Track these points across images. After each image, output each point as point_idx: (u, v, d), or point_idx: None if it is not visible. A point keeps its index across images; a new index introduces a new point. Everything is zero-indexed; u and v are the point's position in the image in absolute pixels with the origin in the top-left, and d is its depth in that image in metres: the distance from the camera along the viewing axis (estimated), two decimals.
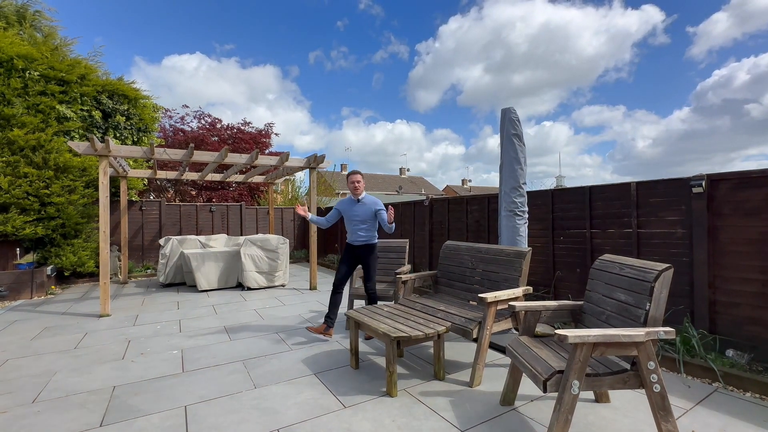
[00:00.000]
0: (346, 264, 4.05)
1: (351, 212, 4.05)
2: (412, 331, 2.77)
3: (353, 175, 4.03)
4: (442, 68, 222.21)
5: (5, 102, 6.54)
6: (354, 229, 4.02)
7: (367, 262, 4.01)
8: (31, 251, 6.93)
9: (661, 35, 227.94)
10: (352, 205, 4.06)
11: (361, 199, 4.03)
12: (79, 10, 38.79)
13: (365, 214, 3.99)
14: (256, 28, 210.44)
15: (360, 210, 4.01)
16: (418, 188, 41.00)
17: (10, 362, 3.53)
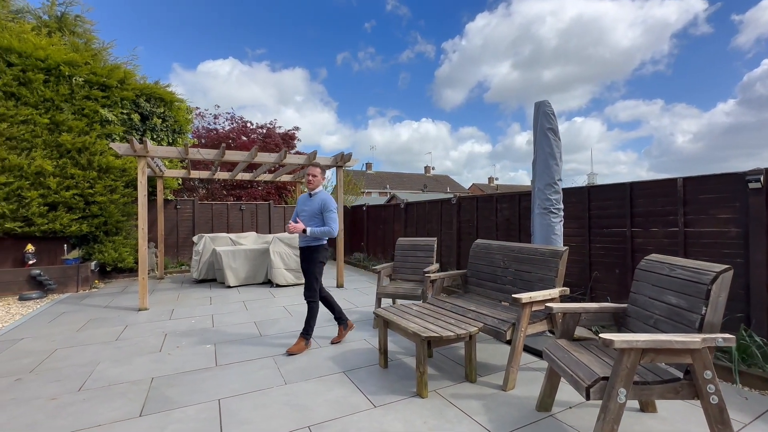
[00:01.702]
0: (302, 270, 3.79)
1: (300, 207, 3.78)
2: (443, 332, 2.71)
3: (310, 168, 3.74)
4: (468, 66, 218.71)
5: (55, 108, 6.96)
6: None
7: (305, 268, 3.70)
8: (77, 247, 7.35)
9: (703, 25, 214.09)
10: (305, 201, 3.77)
11: (313, 195, 3.74)
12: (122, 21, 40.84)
13: (311, 211, 3.66)
14: (286, 32, 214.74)
15: (309, 206, 3.71)
16: (443, 187, 40.59)
17: (58, 351, 3.74)
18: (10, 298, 6.15)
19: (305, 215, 3.70)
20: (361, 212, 10.96)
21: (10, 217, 6.51)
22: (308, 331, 3.71)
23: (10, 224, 6.48)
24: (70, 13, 8.74)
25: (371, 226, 10.34)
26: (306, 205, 3.74)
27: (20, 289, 6.35)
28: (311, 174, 3.72)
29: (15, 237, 6.75)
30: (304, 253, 3.74)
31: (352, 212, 11.64)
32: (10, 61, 6.63)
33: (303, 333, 3.71)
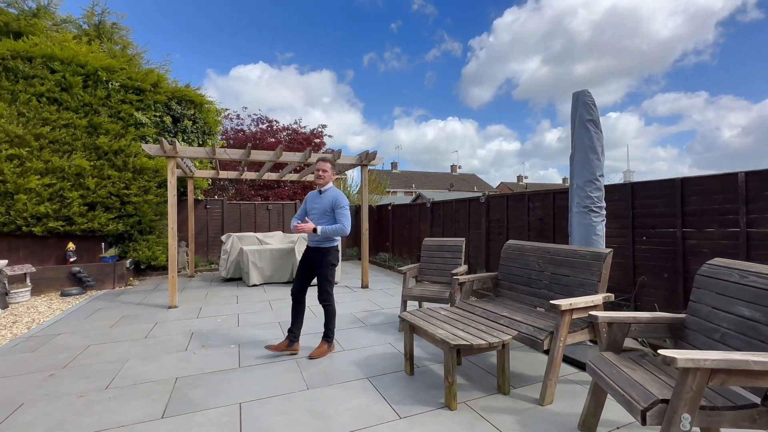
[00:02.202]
0: (302, 270, 3.55)
1: (310, 205, 3.55)
2: (474, 339, 2.51)
3: (319, 162, 3.50)
4: (496, 63, 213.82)
5: (93, 111, 7.26)
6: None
7: (317, 271, 3.47)
8: (114, 246, 7.65)
9: (753, 10, 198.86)
10: (315, 198, 3.55)
11: (323, 191, 3.52)
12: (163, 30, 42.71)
13: (322, 208, 3.44)
14: (314, 35, 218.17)
15: (319, 203, 3.48)
16: (470, 186, 39.86)
17: (91, 348, 3.83)
18: (53, 294, 6.46)
19: (315, 213, 3.48)
20: (386, 211, 10.83)
21: (53, 217, 6.84)
22: (329, 334, 3.60)
23: (53, 223, 6.81)
24: (107, 21, 9.13)
25: (396, 226, 10.19)
26: (316, 202, 3.51)
27: (62, 285, 6.66)
28: (321, 169, 3.48)
29: (58, 236, 7.09)
30: (314, 255, 3.48)
31: (378, 211, 11.53)
32: (53, 68, 6.96)
33: (324, 336, 3.61)
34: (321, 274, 3.47)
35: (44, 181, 6.69)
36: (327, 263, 3.46)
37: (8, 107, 6.55)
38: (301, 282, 3.56)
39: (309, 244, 3.52)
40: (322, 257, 3.45)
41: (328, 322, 3.58)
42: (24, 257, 6.86)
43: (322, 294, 3.52)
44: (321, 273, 3.46)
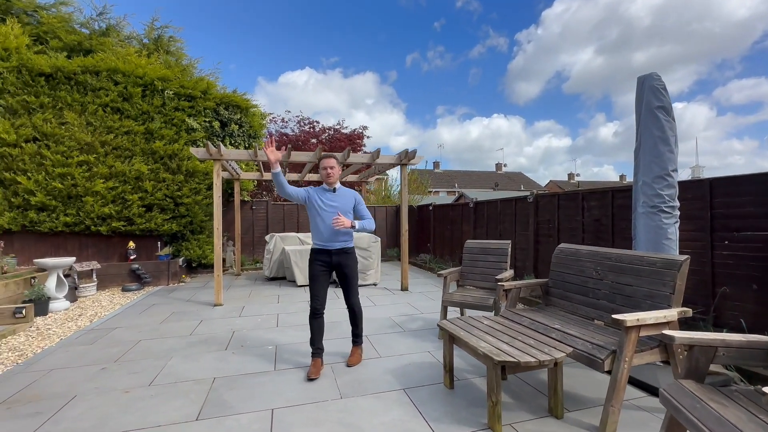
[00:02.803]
0: (325, 279, 3.21)
1: (326, 200, 3.20)
2: (521, 355, 2.25)
3: (327, 160, 3.22)
4: (545, 56, 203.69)
5: (150, 118, 7.75)
6: (328, 226, 3.12)
7: (347, 273, 3.23)
8: (168, 245, 8.12)
9: None
10: (329, 197, 3.24)
11: (336, 189, 3.28)
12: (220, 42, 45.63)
13: (344, 207, 3.20)
14: (358, 38, 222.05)
15: (338, 201, 3.22)
16: (516, 184, 38.24)
17: (141, 343, 4.01)
18: (115, 289, 6.97)
19: (334, 212, 3.15)
20: (427, 212, 10.58)
21: (116, 217, 7.39)
22: (360, 336, 3.50)
23: (116, 223, 7.36)
24: (165, 36, 9.76)
25: (438, 227, 9.90)
26: (333, 200, 3.22)
27: (123, 281, 7.17)
28: (329, 167, 3.20)
29: (120, 235, 7.65)
30: (341, 257, 3.21)
31: (418, 212, 11.30)
32: (117, 80, 7.52)
33: (357, 341, 3.49)
34: (351, 275, 3.28)
35: (108, 184, 7.24)
36: (354, 263, 3.32)
37: (79, 117, 7.17)
38: (325, 294, 3.21)
39: (334, 246, 3.18)
40: (349, 258, 3.26)
41: (359, 325, 3.45)
42: (92, 254, 7.47)
43: (354, 296, 3.33)
44: (351, 275, 3.27)
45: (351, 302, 3.34)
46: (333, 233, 3.15)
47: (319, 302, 3.17)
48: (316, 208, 3.19)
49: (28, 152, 6.79)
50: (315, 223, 3.21)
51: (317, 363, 3.15)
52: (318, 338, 3.22)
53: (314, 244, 3.24)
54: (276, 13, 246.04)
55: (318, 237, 3.20)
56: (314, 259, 3.21)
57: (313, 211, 3.22)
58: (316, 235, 3.21)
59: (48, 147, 6.91)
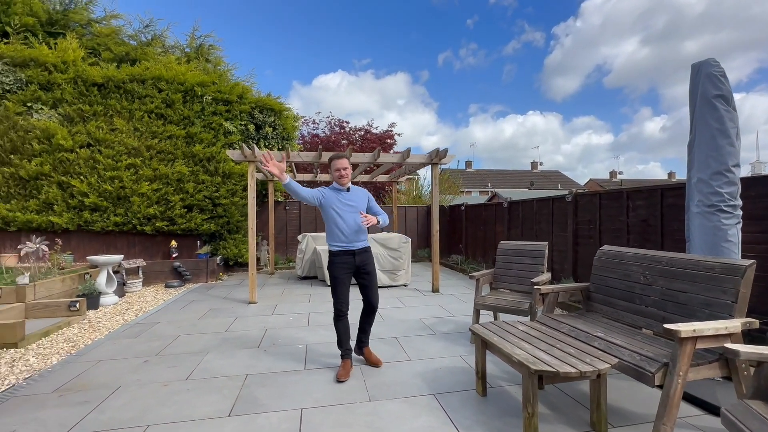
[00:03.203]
0: (348, 280, 3.15)
1: (343, 200, 3.12)
2: (561, 365, 2.10)
3: (339, 161, 3.13)
4: (584, 49, 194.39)
5: (190, 123, 8.12)
6: (351, 226, 3.08)
7: (371, 270, 3.20)
8: (207, 244, 8.47)
9: None
10: (344, 196, 3.16)
11: (349, 188, 3.20)
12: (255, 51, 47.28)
13: (360, 204, 3.17)
14: (389, 39, 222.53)
15: (353, 200, 3.16)
16: (553, 183, 36.77)
17: (181, 338, 4.18)
18: (159, 285, 7.36)
19: (352, 210, 3.12)
20: (458, 212, 10.37)
21: (160, 217, 7.80)
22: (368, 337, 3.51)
23: (159, 223, 7.77)
24: (205, 44, 10.21)
25: (470, 227, 9.67)
26: (349, 200, 3.14)
27: (166, 278, 7.55)
28: (343, 167, 3.13)
29: (163, 234, 8.07)
30: (363, 257, 3.17)
31: (450, 212, 11.10)
32: (160, 88, 7.94)
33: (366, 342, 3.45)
34: (373, 272, 3.25)
35: (153, 186, 7.65)
36: (374, 261, 3.31)
37: (127, 123, 7.64)
38: (348, 294, 3.17)
39: (357, 246, 3.13)
40: (370, 257, 3.23)
41: (371, 326, 3.43)
42: (138, 252, 7.93)
43: (376, 294, 3.28)
44: (373, 272, 3.25)
45: (373, 300, 3.27)
46: (355, 233, 3.10)
47: (345, 304, 3.14)
48: (334, 209, 3.11)
49: (83, 157, 7.31)
50: (335, 224, 3.11)
51: (347, 365, 3.13)
52: (346, 339, 3.21)
53: (335, 246, 3.13)
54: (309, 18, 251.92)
55: (338, 239, 3.11)
56: (337, 261, 3.12)
57: (330, 212, 3.12)
58: (336, 237, 3.11)
59: (100, 152, 7.42)
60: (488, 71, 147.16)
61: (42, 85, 7.29)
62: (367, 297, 3.26)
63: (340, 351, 3.21)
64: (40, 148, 7.11)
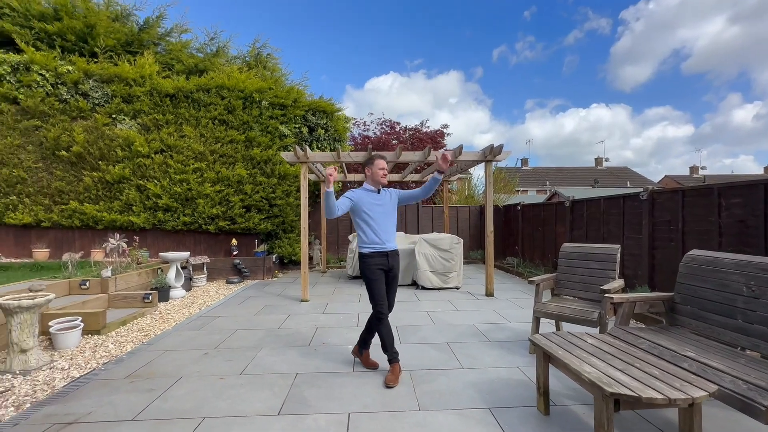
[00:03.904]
0: (382, 281, 3.06)
1: (373, 202, 3.07)
2: (643, 389, 1.81)
3: (381, 160, 3.12)
4: (658, 33, 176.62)
5: (249, 128, 8.56)
6: (383, 227, 3.06)
7: (397, 274, 3.19)
8: (264, 242, 8.87)
9: None
10: (374, 197, 3.11)
11: (380, 189, 3.17)
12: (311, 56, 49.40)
13: (392, 204, 3.17)
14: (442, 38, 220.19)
15: (382, 200, 3.12)
16: (621, 181, 33.77)
17: (238, 332, 4.36)
18: (221, 281, 7.84)
19: (381, 211, 3.10)
20: (514, 212, 9.82)
21: (222, 217, 8.31)
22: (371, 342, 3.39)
23: (222, 222, 8.28)
24: (263, 52, 10.74)
25: (527, 228, 9.11)
26: (378, 200, 3.12)
27: (227, 274, 8.03)
28: (384, 167, 3.13)
29: (225, 233, 8.59)
30: (395, 259, 3.16)
31: (505, 212, 10.57)
32: (223, 95, 8.46)
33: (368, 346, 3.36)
34: (398, 278, 3.24)
35: (216, 188, 8.17)
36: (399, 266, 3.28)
37: (194, 130, 8.24)
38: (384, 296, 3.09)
39: (389, 248, 3.08)
40: (398, 260, 3.22)
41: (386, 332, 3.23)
42: (203, 250, 8.52)
43: (394, 298, 3.24)
44: (398, 277, 3.23)
45: (393, 303, 3.21)
46: (388, 234, 3.09)
47: (385, 305, 3.05)
48: (366, 212, 3.07)
49: (157, 162, 8.01)
50: (367, 226, 3.07)
51: (396, 369, 3.02)
52: (391, 342, 3.08)
53: (367, 247, 3.07)
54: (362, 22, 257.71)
55: (371, 240, 3.06)
56: (371, 263, 3.03)
57: (362, 215, 3.09)
58: (369, 238, 3.06)
59: (171, 157, 8.08)
60: (547, 64, 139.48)
61: (124, 98, 8.10)
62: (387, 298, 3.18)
63: (387, 355, 3.08)
64: (122, 154, 7.91)
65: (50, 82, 7.81)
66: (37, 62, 7.71)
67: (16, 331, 3.24)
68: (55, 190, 7.93)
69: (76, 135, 7.75)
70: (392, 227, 3.13)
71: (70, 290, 5.28)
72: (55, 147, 7.82)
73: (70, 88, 7.93)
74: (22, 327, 3.26)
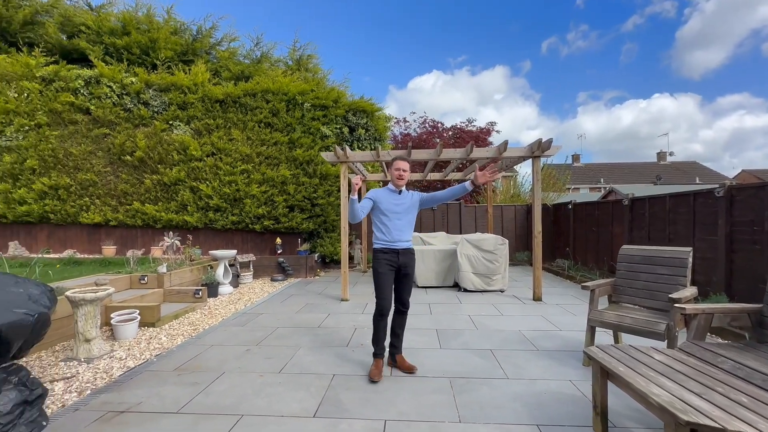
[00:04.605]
0: (391, 278, 3.14)
1: (392, 202, 3.18)
2: (728, 419, 1.52)
3: (400, 161, 3.20)
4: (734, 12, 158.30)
5: (292, 129, 8.78)
6: (396, 226, 3.15)
7: (410, 272, 3.21)
8: (306, 241, 9.06)
9: None
10: (395, 198, 3.21)
11: (402, 191, 3.25)
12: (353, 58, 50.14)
13: (411, 206, 3.23)
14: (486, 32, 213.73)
15: (401, 201, 3.20)
16: (688, 177, 30.70)
17: (279, 330, 4.43)
18: (266, 278, 8.10)
19: (401, 212, 3.18)
20: (565, 211, 9.21)
21: (267, 217, 8.60)
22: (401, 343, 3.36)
23: (267, 222, 8.57)
24: (304, 54, 11.00)
25: (579, 228, 8.49)
26: (398, 201, 3.20)
27: (272, 272, 8.28)
28: (402, 169, 3.19)
29: (270, 232, 8.88)
30: (408, 257, 3.20)
31: (554, 211, 9.95)
32: (268, 99, 8.76)
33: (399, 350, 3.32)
34: (412, 275, 3.25)
35: (261, 188, 8.47)
36: (414, 263, 3.32)
37: (241, 133, 8.60)
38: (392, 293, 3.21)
39: (400, 246, 3.15)
40: (412, 259, 3.24)
41: (403, 330, 3.33)
42: (250, 248, 8.87)
43: (408, 299, 3.26)
44: (412, 274, 3.25)
45: (405, 298, 3.23)
46: (398, 232, 3.16)
47: (389, 302, 3.13)
48: (383, 211, 3.19)
49: (208, 165, 8.47)
50: (382, 225, 3.20)
51: (379, 364, 3.13)
52: (383, 337, 3.19)
53: (378, 243, 3.20)
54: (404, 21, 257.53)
55: (382, 236, 3.19)
56: (381, 258, 3.14)
57: (379, 215, 3.21)
58: (381, 235, 3.20)
59: (221, 159, 8.49)
60: (602, 54, 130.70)
61: (179, 105, 8.65)
62: (399, 294, 3.23)
63: (374, 349, 3.19)
64: (177, 158, 8.45)
65: (116, 93, 8.54)
66: (105, 75, 8.46)
67: (81, 321, 3.52)
68: (120, 192, 8.65)
69: (139, 141, 8.39)
70: (407, 227, 3.21)
71: (131, 284, 5.70)
72: (120, 152, 8.52)
73: (133, 98, 8.61)
74: (86, 318, 3.53)
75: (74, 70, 8.61)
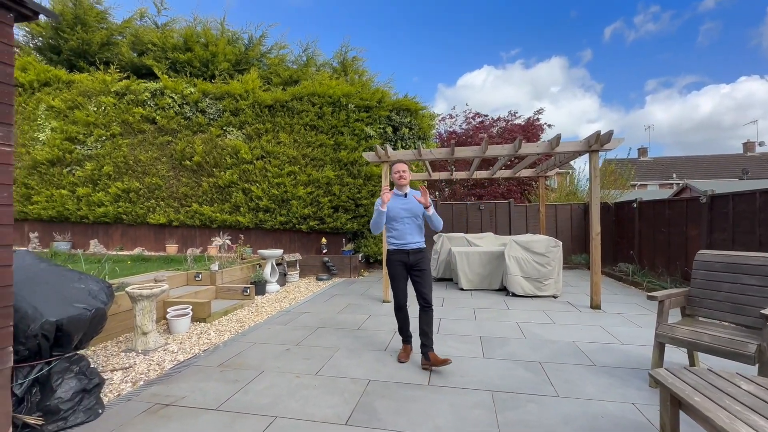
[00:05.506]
0: (405, 281, 3.43)
1: (399, 207, 3.42)
2: None
3: (398, 164, 3.49)
4: None
5: (338, 132, 8.89)
6: (404, 228, 3.40)
7: (425, 268, 3.40)
8: (351, 241, 9.13)
9: None
10: (401, 201, 3.44)
11: (407, 193, 3.45)
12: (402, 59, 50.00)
13: (414, 210, 3.40)
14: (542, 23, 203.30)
15: (407, 204, 3.42)
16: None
17: (319, 330, 4.46)
18: (311, 277, 8.28)
19: (406, 215, 3.40)
20: (629, 210, 8.37)
21: (312, 217, 8.79)
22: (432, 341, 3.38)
23: (312, 222, 8.76)
24: (349, 57, 11.11)
25: (645, 229, 7.66)
26: (403, 204, 3.43)
27: (317, 271, 8.45)
28: (402, 170, 3.46)
29: (315, 232, 9.08)
30: (418, 256, 3.40)
31: (616, 211, 9.09)
32: (314, 102, 8.95)
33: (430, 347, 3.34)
34: (427, 269, 3.41)
35: (307, 190, 8.68)
36: (428, 261, 3.50)
37: (288, 136, 8.88)
38: (406, 289, 3.47)
39: (410, 246, 3.39)
40: (423, 257, 3.44)
41: (431, 326, 3.39)
42: (297, 248, 9.13)
43: (429, 294, 3.37)
44: (427, 269, 3.42)
45: (426, 293, 3.34)
46: (408, 234, 3.40)
47: (403, 297, 3.47)
48: (391, 215, 3.44)
49: (258, 167, 8.84)
50: (391, 226, 3.46)
51: (407, 348, 3.53)
52: (406, 327, 3.55)
53: (390, 244, 3.48)
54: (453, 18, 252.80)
55: (393, 238, 3.46)
56: (393, 258, 3.43)
57: (389, 218, 3.46)
58: (392, 237, 3.46)
59: (269, 162, 8.83)
60: (675, 37, 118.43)
61: (232, 111, 9.13)
62: (419, 291, 3.38)
63: (402, 337, 3.58)
64: (230, 162, 8.92)
65: (178, 103, 9.22)
66: (168, 87, 9.16)
67: (139, 315, 3.78)
68: (181, 194, 9.33)
69: (197, 147, 8.99)
70: (416, 229, 3.43)
71: (188, 281, 6.08)
72: (181, 158, 9.19)
73: (192, 107, 9.24)
74: (143, 312, 3.79)
75: (142, 84, 9.44)
